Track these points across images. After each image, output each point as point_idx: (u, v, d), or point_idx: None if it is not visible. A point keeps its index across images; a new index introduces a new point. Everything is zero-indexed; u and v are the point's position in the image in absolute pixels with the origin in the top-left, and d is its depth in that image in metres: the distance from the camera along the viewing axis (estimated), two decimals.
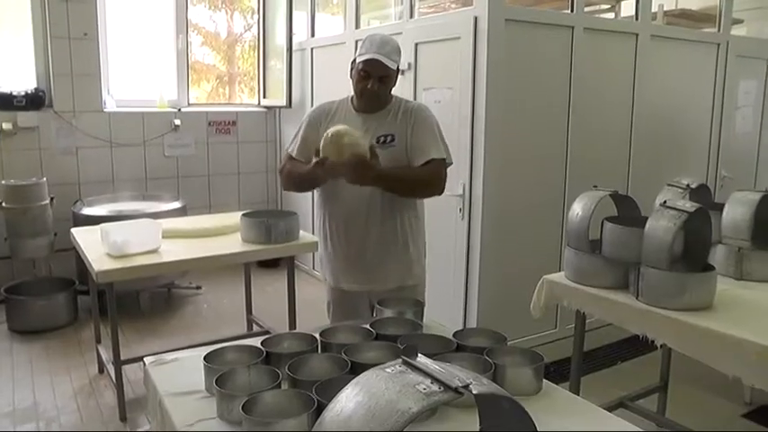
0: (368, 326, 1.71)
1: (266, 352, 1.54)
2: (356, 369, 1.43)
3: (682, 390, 3.12)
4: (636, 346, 3.66)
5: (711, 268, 2.09)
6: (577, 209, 2.33)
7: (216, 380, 1.39)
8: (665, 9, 4.26)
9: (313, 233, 3.87)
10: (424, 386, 0.73)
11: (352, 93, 2.38)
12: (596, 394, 2.42)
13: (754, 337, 1.80)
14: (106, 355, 3.36)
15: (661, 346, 2.04)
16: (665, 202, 2.10)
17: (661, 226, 2.03)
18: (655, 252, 2.03)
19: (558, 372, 3.23)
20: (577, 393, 2.24)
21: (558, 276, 2.42)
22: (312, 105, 5.07)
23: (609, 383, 3.33)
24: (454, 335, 1.69)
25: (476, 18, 3.23)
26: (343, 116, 2.36)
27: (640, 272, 2.08)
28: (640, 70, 3.90)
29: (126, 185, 4.96)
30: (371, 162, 2.12)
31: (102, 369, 3.52)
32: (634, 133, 3.98)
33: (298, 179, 2.39)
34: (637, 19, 3.91)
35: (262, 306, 4.18)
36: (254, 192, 5.68)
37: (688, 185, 2.58)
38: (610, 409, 2.57)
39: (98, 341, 3.57)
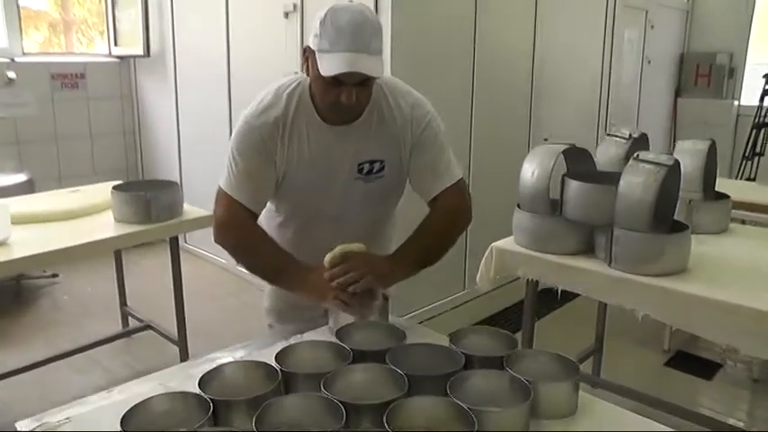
0: (335, 339, 1.29)
1: (212, 401, 1.04)
2: (351, 413, 1.01)
3: (610, 346, 3.03)
4: (548, 298, 3.56)
5: (684, 227, 1.91)
6: (533, 166, 2.05)
7: None
8: None
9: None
10: None
11: (302, 73, 1.58)
12: None
13: (748, 301, 1.64)
14: None
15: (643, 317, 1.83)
16: (638, 155, 1.87)
17: (639, 182, 1.80)
18: (632, 213, 1.80)
19: None
20: None
21: (508, 243, 2.15)
22: (174, 52, 4.35)
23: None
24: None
25: None
26: (305, 131, 1.56)
27: (614, 235, 1.84)
28: (540, 22, 3.79)
29: None
30: (372, 257, 1.51)
31: None
32: (535, 85, 3.85)
33: (264, 270, 1.60)
34: None
35: (137, 293, 3.54)
36: (110, 158, 4.87)
37: (631, 135, 2.39)
38: None
39: None
